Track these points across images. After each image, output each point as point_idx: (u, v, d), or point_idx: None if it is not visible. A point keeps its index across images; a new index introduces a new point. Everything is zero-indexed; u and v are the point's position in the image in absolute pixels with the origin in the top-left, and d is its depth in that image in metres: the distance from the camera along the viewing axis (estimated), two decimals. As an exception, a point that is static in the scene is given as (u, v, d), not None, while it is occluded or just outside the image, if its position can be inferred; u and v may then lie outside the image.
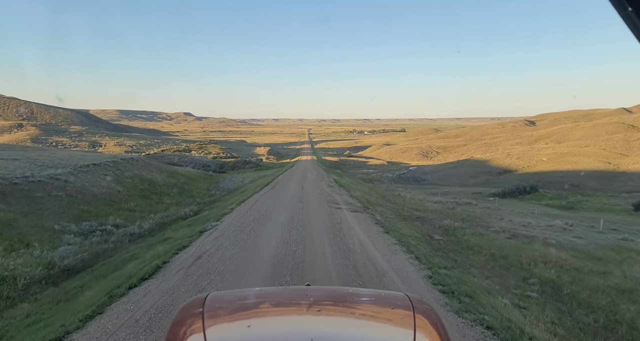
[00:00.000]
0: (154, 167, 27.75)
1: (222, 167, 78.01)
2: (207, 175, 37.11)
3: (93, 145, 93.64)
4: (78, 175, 18.25)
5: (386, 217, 14.61)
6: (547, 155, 74.89)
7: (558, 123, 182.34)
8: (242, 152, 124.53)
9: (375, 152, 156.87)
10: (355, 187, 27.15)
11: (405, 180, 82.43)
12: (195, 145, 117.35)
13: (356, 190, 24.46)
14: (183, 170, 32.89)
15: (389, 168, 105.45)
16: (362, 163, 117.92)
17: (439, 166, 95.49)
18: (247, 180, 34.83)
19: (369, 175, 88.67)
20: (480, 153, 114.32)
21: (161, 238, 11.10)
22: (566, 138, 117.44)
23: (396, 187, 59.62)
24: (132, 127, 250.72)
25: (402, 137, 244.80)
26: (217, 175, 38.60)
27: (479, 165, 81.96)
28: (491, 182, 67.45)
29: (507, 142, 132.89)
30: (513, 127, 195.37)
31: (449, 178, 76.56)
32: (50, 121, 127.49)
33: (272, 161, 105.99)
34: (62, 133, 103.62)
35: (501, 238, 13.16)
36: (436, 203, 23.61)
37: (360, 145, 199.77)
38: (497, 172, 72.35)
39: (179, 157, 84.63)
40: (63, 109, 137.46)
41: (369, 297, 2.05)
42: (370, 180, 72.54)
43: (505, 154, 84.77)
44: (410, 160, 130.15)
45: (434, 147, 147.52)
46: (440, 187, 64.23)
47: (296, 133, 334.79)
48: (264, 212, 13.86)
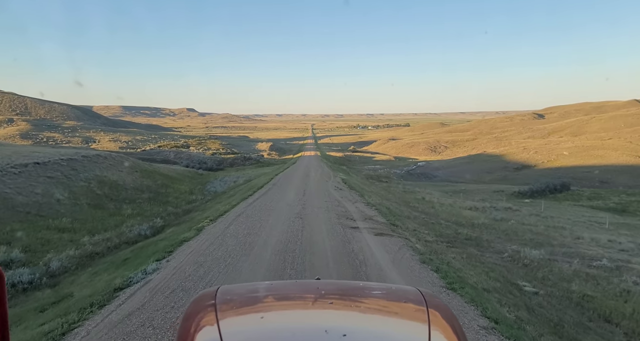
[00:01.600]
0: (127, 165, 23.10)
1: (220, 163, 73.31)
2: (196, 174, 32.39)
3: (86, 141, 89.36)
4: (1, 179, 13.64)
5: (425, 241, 9.82)
6: (567, 149, 69.56)
7: (568, 116, 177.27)
8: (243, 147, 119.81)
9: (380, 147, 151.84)
10: (368, 189, 22.33)
11: (414, 176, 77.42)
12: (194, 141, 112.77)
13: (371, 194, 19.65)
14: (165, 169, 28.27)
15: (396, 164, 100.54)
16: (368, 159, 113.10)
17: (450, 161, 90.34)
18: (241, 179, 30.13)
19: (375, 171, 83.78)
20: (492, 148, 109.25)
21: (47, 301, 6.37)
22: (582, 131, 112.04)
23: (409, 186, 54.78)
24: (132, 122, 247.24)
25: (407, 131, 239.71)
26: (207, 174, 33.86)
27: (493, 160, 76.71)
28: (509, 178, 62.34)
29: (519, 136, 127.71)
30: (521, 120, 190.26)
31: (462, 174, 71.49)
32: (44, 116, 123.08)
33: (274, 157, 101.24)
34: (55, 128, 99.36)
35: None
36: (472, 210, 18.78)
37: (364, 140, 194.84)
38: (515, 168, 67.16)
39: (174, 154, 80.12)
40: (59, 104, 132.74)
41: (380, 291, 2.04)
42: (379, 177, 67.70)
43: (521, 148, 79.45)
44: (418, 155, 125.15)
45: (442, 141, 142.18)
46: (455, 184, 59.20)
47: (299, 128, 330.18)
48: (243, 239, 9.07)
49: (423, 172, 79.68)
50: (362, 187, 23.16)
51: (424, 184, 62.67)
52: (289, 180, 25.81)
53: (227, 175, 40.19)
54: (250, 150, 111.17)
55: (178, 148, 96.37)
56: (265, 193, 17.99)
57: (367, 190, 21.56)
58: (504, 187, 50.89)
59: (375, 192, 21.41)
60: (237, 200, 15.84)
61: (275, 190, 18.93)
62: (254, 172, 47.51)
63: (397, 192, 25.09)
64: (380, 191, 23.49)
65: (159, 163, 66.12)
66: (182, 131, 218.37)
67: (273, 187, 20.96)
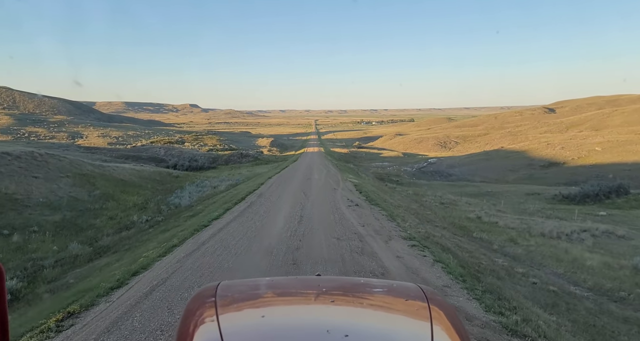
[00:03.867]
0: (53, 168, 16.61)
1: (214, 161, 66.83)
2: (169, 176, 25.72)
3: (72, 137, 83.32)
4: None
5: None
6: (599, 144, 62.47)
7: (581, 110, 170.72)
8: (243, 143, 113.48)
9: (387, 143, 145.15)
10: (394, 202, 15.73)
11: (428, 174, 70.55)
12: (190, 136, 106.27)
13: (402, 212, 13.08)
14: (122, 172, 21.56)
15: (405, 161, 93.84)
16: (374, 155, 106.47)
17: (464, 158, 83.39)
18: (224, 184, 23.73)
19: (384, 168, 77.16)
20: (507, 143, 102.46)
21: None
22: (604, 125, 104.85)
23: (426, 186, 48.08)
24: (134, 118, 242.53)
25: (413, 126, 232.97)
26: (185, 176, 27.23)
27: (514, 157, 69.68)
28: (537, 177, 55.48)
29: (535, 130, 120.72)
30: (532, 115, 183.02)
31: (481, 172, 64.68)
32: (33, 110, 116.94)
33: (275, 153, 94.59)
34: (40, 123, 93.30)
35: None
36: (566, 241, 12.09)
37: (369, 135, 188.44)
38: (541, 165, 60.23)
39: (165, 150, 73.60)
40: (49, 98, 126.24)
41: (382, 288, 1.99)
42: (389, 175, 60.94)
43: (544, 143, 72.34)
44: (428, 151, 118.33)
45: (452, 136, 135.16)
46: (476, 184, 52.36)
47: (303, 124, 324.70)
48: None
49: (436, 170, 72.79)
50: (383, 198, 16.54)
51: (440, 184, 55.88)
52: (283, 186, 19.29)
53: (214, 176, 33.71)
54: (249, 146, 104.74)
55: (172, 144, 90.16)
56: (240, 214, 11.41)
57: (392, 204, 14.95)
58: (536, 188, 44.13)
59: (405, 207, 14.79)
60: (192, 230, 9.33)
61: (257, 209, 12.34)
62: (247, 172, 41.00)
63: (433, 204, 18.28)
64: (410, 204, 16.82)
65: (144, 160, 59.80)
66: (184, 127, 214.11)
67: (258, 199, 14.43)
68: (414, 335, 1.43)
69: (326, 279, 1.99)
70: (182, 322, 1.50)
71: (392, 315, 1.64)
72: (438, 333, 1.36)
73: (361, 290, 1.90)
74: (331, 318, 1.50)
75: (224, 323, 1.36)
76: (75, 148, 61.02)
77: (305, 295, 1.78)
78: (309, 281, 1.95)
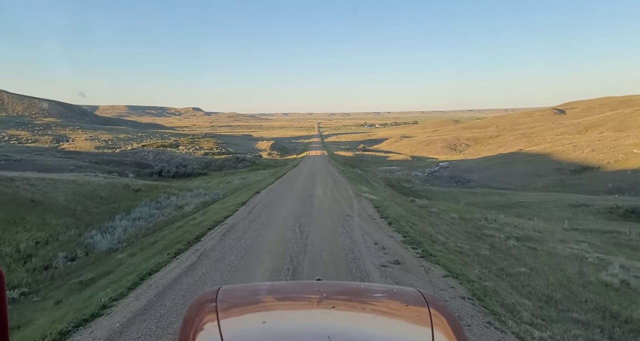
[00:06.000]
0: None
1: (207, 166, 60.66)
2: (127, 190, 19.27)
3: (57, 140, 77.52)
4: None
5: None
6: (636, 146, 55.86)
7: (593, 111, 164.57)
8: (242, 146, 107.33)
9: (393, 146, 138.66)
10: (451, 244, 9.45)
11: (442, 180, 63.97)
12: (186, 139, 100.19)
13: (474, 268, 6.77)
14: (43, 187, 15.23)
15: (415, 164, 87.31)
16: (381, 159, 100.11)
17: (481, 162, 76.84)
18: (195, 202, 17.55)
19: (392, 173, 70.66)
20: (523, 145, 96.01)
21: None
22: (627, 126, 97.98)
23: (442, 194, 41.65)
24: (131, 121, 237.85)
25: (418, 128, 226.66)
26: (151, 189, 20.89)
27: (537, 160, 63.13)
28: (569, 183, 48.93)
29: (550, 132, 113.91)
30: (541, 116, 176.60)
31: (502, 177, 58.13)
32: (22, 113, 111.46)
33: (275, 157, 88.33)
34: (25, 125, 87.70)
35: None
36: None
37: (374, 138, 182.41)
38: (572, 170, 53.71)
39: (154, 154, 67.28)
40: (39, 100, 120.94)
41: (382, 293, 1.98)
42: (399, 181, 54.54)
43: (570, 146, 65.77)
44: (437, 154, 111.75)
45: (461, 138, 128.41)
46: (502, 193, 45.80)
47: (305, 127, 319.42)
48: None
49: (451, 175, 66.20)
50: (426, 231, 10.24)
51: (458, 192, 49.40)
52: (271, 209, 13.06)
53: (197, 186, 27.51)
54: (248, 150, 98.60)
55: (165, 147, 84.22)
56: (153, 300, 5.14)
57: (449, 247, 8.63)
58: (579, 198, 37.56)
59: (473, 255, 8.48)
60: None
61: (199, 279, 6.08)
62: (239, 180, 34.74)
63: (511, 245, 11.73)
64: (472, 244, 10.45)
65: (126, 165, 53.56)
66: (187, 130, 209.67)
67: (218, 244, 8.17)
68: None
69: (327, 284, 1.95)
70: (183, 327, 1.49)
71: (393, 320, 1.62)
72: (439, 338, 1.35)
73: (362, 295, 1.88)
74: (332, 324, 1.49)
75: (225, 328, 1.35)
76: (51, 152, 55.03)
77: (306, 300, 1.75)
78: (309, 286, 1.91)
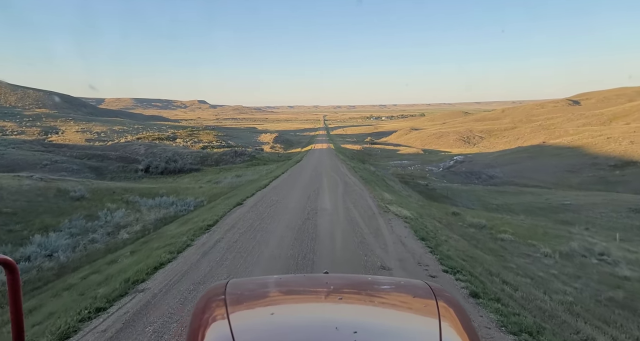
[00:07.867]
0: None
1: (202, 161, 55.39)
2: (63, 200, 13.73)
3: (46, 132, 72.71)
4: None
5: None
6: (681, 138, 49.68)
7: (608, 102, 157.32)
8: (245, 139, 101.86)
9: (402, 138, 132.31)
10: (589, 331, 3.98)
11: (460, 176, 58.09)
12: (184, 132, 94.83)
13: None
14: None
15: (427, 158, 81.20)
16: (391, 152, 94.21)
17: (499, 155, 70.77)
18: (156, 215, 12.01)
19: (404, 168, 64.76)
20: (542, 137, 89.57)
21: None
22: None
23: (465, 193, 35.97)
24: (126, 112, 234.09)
25: (426, 121, 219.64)
26: (101, 197, 15.29)
27: (567, 154, 57.06)
28: (611, 180, 42.99)
29: (571, 123, 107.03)
30: (554, 107, 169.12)
31: (529, 173, 52.22)
32: (15, 103, 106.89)
33: (278, 151, 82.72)
34: (13, 117, 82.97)
35: None
36: None
37: (381, 130, 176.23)
38: (611, 165, 47.72)
39: (147, 148, 61.73)
40: (34, 90, 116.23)
41: (389, 285, 2.00)
42: (413, 177, 48.93)
43: (603, 137, 59.56)
44: (450, 148, 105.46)
45: (475, 131, 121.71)
46: (534, 192, 39.96)
47: (311, 119, 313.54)
48: None
49: (470, 170, 60.35)
50: (559, 314, 4.58)
51: (482, 190, 43.63)
52: (246, 248, 7.45)
53: (177, 188, 22.18)
54: (250, 143, 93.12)
55: (161, 140, 79.04)
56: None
57: None
58: (636, 199, 31.65)
59: None
60: None
61: None
62: (232, 180, 29.31)
63: None
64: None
65: (110, 160, 48.32)
66: (192, 123, 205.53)
67: None
68: (422, 332, 1.42)
69: (334, 277, 1.96)
70: (192, 319, 1.50)
71: (400, 312, 1.63)
72: (446, 329, 1.35)
73: (369, 287, 1.89)
74: (340, 315, 1.50)
75: (234, 321, 1.36)
76: (32, 145, 49.93)
77: (314, 292, 1.77)
78: (317, 279, 1.93)
